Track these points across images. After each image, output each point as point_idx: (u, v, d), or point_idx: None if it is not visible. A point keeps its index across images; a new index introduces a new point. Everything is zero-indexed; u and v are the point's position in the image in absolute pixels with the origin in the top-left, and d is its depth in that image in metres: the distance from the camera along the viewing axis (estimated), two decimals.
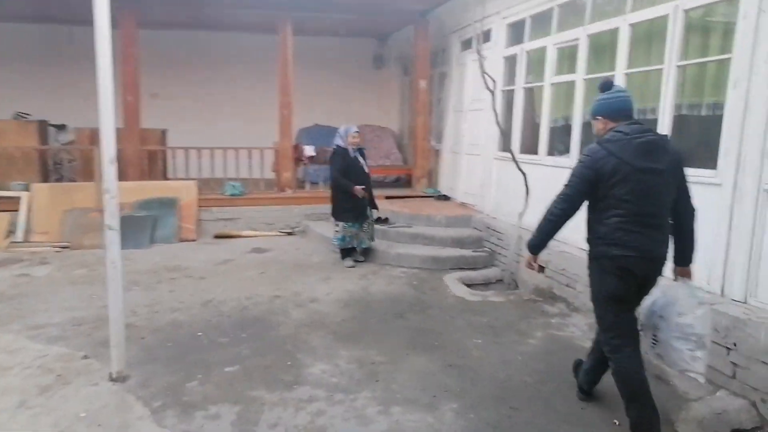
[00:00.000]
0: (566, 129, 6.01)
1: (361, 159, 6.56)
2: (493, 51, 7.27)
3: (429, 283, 5.99)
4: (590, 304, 3.19)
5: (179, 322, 4.75)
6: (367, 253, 6.77)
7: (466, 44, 8.63)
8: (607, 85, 3.06)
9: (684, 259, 3.08)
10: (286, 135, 8.79)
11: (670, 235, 2.97)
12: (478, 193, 7.86)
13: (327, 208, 8.57)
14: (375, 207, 6.79)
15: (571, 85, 5.81)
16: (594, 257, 3.02)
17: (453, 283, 5.97)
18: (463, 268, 6.50)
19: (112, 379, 3.65)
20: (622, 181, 2.81)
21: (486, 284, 6.29)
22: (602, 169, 2.83)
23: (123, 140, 7.67)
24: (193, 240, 7.90)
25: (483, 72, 6.28)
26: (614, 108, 2.97)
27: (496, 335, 4.56)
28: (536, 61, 6.59)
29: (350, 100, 11.71)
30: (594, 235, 2.99)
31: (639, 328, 3.09)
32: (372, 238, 6.70)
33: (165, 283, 5.86)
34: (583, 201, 2.98)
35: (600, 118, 3.02)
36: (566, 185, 2.99)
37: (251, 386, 3.63)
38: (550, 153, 6.20)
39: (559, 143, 6.19)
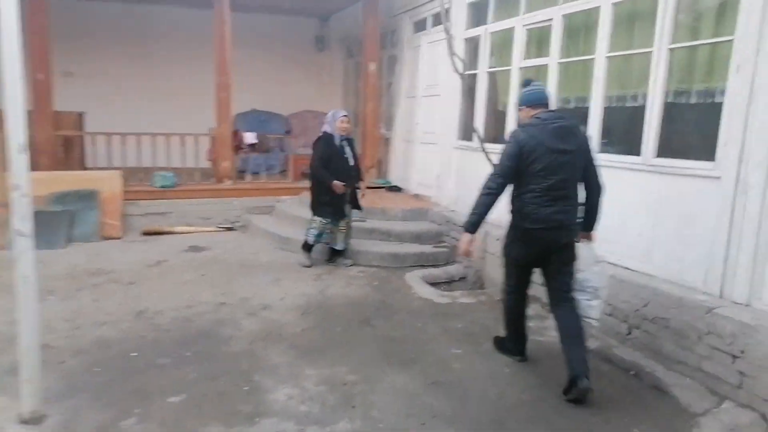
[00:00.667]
0: None
1: (348, 149, 5.79)
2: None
3: (391, 283, 5.50)
4: None
5: (107, 339, 4.01)
6: (339, 255, 6.04)
7: (420, 25, 8.15)
8: (527, 82, 3.63)
9: (588, 226, 3.60)
10: (224, 120, 7.99)
11: (578, 207, 3.46)
12: (434, 184, 7.41)
13: (270, 200, 7.99)
14: (357, 207, 5.98)
15: (542, 69, 5.45)
16: (510, 226, 3.57)
17: (416, 282, 5.50)
18: (424, 266, 6.06)
19: (23, 421, 2.92)
20: (538, 159, 3.29)
21: (449, 282, 5.87)
22: (524, 147, 3.31)
23: (33, 124, 6.64)
24: (118, 238, 7.00)
25: (452, 53, 5.79)
26: (532, 98, 3.48)
27: (475, 344, 4.12)
28: (502, 44, 6.18)
29: (290, 84, 11.00)
30: (512, 209, 3.51)
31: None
32: (346, 239, 5.94)
33: (87, 291, 5.04)
34: (512, 176, 3.39)
35: (523, 107, 3.53)
36: (497, 164, 3.43)
37: (203, 421, 3.01)
38: None
39: None
